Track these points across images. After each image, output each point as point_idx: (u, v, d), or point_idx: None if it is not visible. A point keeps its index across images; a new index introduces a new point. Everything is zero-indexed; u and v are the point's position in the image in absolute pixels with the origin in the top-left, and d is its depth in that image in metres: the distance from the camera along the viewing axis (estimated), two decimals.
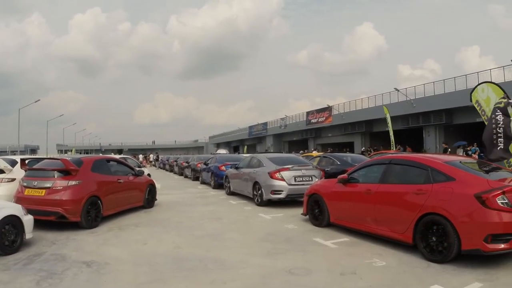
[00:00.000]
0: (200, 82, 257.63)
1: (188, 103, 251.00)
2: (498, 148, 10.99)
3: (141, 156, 62.54)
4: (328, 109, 61.63)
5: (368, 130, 54.25)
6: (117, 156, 20.31)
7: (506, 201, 6.45)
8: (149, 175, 17.29)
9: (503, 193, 6.47)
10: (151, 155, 67.46)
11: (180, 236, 9.38)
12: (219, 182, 20.01)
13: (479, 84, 13.65)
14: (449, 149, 32.55)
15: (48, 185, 9.85)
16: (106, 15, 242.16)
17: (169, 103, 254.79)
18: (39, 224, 9.09)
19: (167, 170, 45.08)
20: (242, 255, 7.63)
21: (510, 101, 11.22)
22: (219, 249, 8.11)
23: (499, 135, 10.97)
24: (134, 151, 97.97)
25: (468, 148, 27.90)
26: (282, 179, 13.36)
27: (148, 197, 13.74)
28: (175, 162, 39.90)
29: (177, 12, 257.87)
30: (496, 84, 12.95)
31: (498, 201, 6.41)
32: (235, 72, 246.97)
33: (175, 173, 37.94)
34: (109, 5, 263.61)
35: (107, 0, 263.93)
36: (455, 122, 41.56)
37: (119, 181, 11.81)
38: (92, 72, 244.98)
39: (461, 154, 26.22)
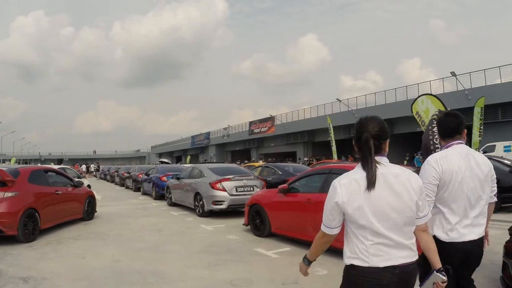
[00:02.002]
0: (143, 90, 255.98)
1: (130, 112, 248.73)
2: None
3: (84, 166, 61.33)
4: (271, 119, 62.08)
5: (310, 139, 54.95)
6: (56, 167, 19.86)
7: None
8: (89, 186, 17.01)
9: None
10: (92, 165, 66.32)
11: (120, 249, 9.25)
12: (161, 193, 19.91)
13: (419, 96, 14.10)
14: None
15: None
16: (49, 18, 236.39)
17: (111, 112, 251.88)
18: None
19: (108, 181, 44.21)
20: (182, 267, 7.58)
21: None
22: (159, 261, 8.03)
23: (436, 145, 11.25)
24: (74, 161, 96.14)
25: None
26: (224, 190, 13.38)
27: (87, 209, 13.43)
28: (116, 173, 39.34)
29: (121, 18, 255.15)
30: (435, 96, 13.38)
31: None
32: (179, 81, 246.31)
33: (116, 183, 37.41)
34: (52, 8, 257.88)
35: (51, 2, 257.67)
36: (396, 132, 42.52)
37: (57, 192, 11.52)
38: (32, 78, 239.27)
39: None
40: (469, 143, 29.37)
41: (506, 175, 13.21)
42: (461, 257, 3.60)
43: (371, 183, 2.64)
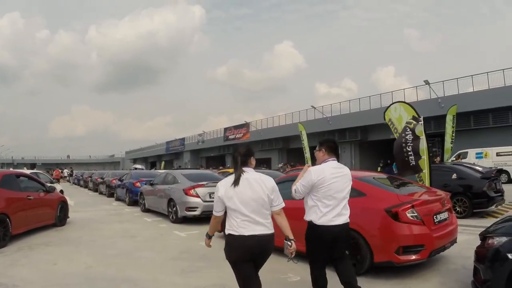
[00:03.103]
0: (118, 95, 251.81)
1: (105, 117, 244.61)
2: (411, 165, 11.40)
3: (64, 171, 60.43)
4: (246, 125, 62.32)
5: (285, 146, 55.28)
6: (28, 171, 19.64)
7: (416, 214, 6.75)
8: (62, 191, 16.84)
9: (413, 206, 6.82)
10: (65, 170, 65.62)
11: (92, 255, 9.18)
12: (134, 198, 19.77)
13: (392, 104, 14.21)
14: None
15: None
16: (24, 20, 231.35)
17: (85, 116, 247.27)
18: None
19: (81, 186, 43.88)
20: (155, 274, 7.58)
21: (420, 122, 11.65)
22: (132, 268, 8.01)
23: (409, 153, 11.39)
24: (48, 166, 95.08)
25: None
26: (197, 196, 13.36)
27: (59, 215, 13.32)
28: (89, 178, 39.02)
29: (97, 22, 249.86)
30: (407, 104, 13.52)
31: (408, 215, 6.73)
32: (155, 86, 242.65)
33: (89, 189, 37.07)
34: (29, 10, 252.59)
35: (28, 4, 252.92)
36: (370, 139, 43.09)
37: (29, 197, 11.40)
38: (7, 80, 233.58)
39: None
40: (441, 150, 29.90)
41: (478, 182, 13.42)
42: (332, 236, 5.33)
43: (236, 182, 4.36)
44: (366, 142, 44.97)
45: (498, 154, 28.59)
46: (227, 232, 4.46)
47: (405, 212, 6.73)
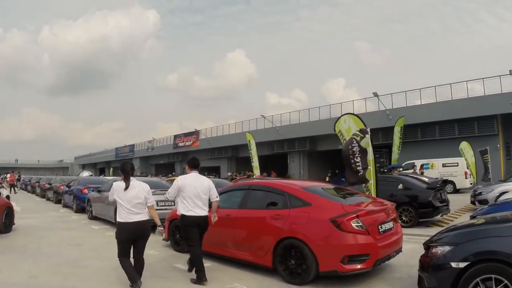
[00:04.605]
0: (68, 99, 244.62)
1: (54, 121, 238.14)
2: (359, 175, 11.60)
3: (8, 175, 59.06)
4: (196, 133, 62.37)
5: (234, 155, 55.46)
6: None
7: (361, 224, 6.90)
8: (8, 197, 16.51)
9: (357, 216, 6.98)
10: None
11: (37, 263, 9.03)
12: (82, 205, 19.45)
13: (342, 116, 14.49)
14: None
15: None
16: None
17: (35, 120, 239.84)
18: None
19: (29, 192, 42.90)
20: (101, 283, 7.53)
21: (367, 135, 11.86)
22: (77, 277, 7.91)
23: (357, 164, 11.59)
24: None
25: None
26: None
27: (5, 221, 13.02)
28: (37, 183, 38.19)
29: (51, 22, 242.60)
30: (356, 116, 13.77)
31: (353, 224, 6.88)
32: (105, 91, 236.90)
33: (37, 195, 36.29)
34: None
35: None
36: (319, 149, 43.55)
37: None
38: None
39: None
40: (389, 160, 30.51)
41: (424, 192, 13.76)
42: (196, 223, 7.52)
43: (127, 187, 6.61)
44: (315, 152, 45.50)
45: (444, 165, 29.42)
46: (117, 220, 6.67)
47: (350, 222, 6.87)
